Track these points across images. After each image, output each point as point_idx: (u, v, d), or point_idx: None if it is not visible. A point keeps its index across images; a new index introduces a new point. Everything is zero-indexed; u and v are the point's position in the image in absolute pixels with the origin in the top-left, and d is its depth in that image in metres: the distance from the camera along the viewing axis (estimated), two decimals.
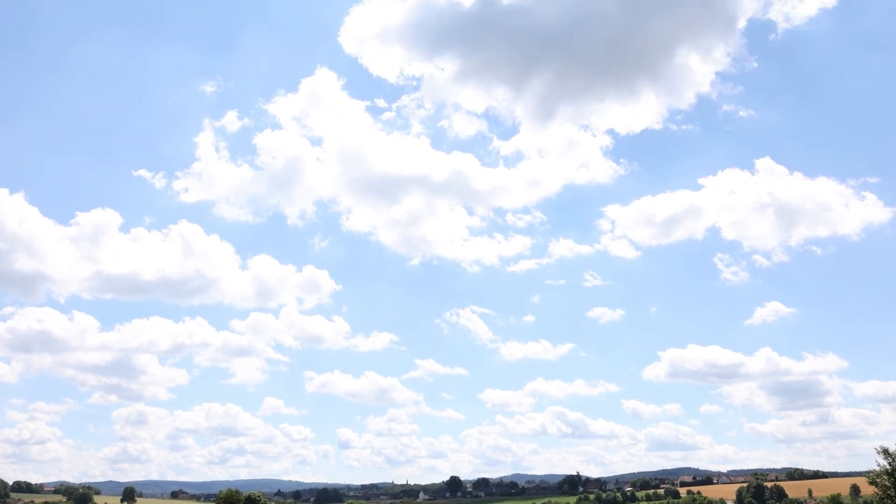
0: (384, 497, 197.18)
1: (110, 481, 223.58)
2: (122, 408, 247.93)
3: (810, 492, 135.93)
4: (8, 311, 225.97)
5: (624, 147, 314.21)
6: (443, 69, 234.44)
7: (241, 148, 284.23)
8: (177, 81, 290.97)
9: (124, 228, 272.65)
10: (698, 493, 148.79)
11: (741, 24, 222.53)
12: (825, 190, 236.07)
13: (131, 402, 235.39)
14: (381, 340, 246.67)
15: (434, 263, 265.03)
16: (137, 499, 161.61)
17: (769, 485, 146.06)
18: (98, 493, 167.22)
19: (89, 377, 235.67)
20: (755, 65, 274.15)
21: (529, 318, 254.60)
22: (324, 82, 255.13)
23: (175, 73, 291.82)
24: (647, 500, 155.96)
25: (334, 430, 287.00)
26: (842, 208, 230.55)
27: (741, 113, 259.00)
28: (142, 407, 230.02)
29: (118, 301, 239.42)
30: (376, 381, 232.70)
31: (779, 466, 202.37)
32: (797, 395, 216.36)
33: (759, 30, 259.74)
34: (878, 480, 42.21)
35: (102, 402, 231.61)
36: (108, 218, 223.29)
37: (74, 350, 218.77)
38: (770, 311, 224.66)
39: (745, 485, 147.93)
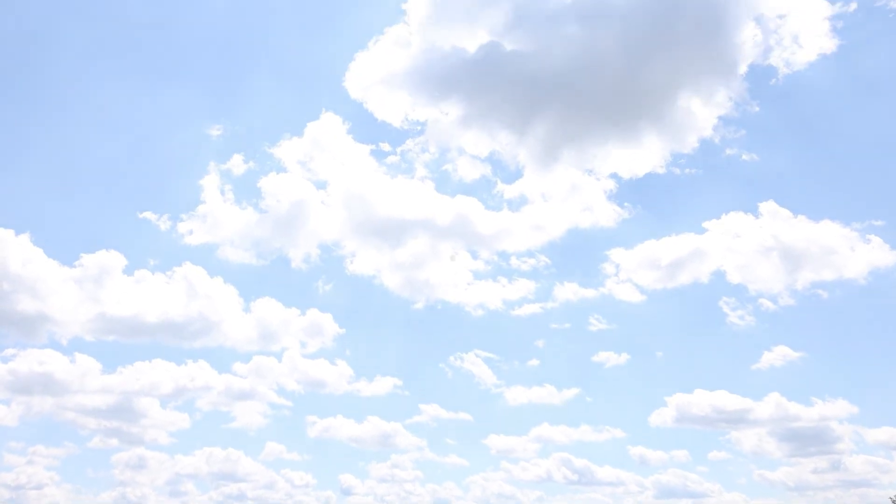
0: None
1: None
2: (121, 452, 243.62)
3: None
4: (10, 352, 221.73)
5: (627, 191, 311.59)
6: (447, 114, 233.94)
7: (246, 191, 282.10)
8: (184, 125, 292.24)
9: (128, 270, 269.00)
10: None
11: (742, 69, 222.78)
12: (830, 233, 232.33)
13: (131, 447, 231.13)
14: (384, 385, 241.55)
15: (438, 307, 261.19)
16: None
17: None
18: None
19: (90, 420, 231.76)
20: (757, 109, 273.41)
21: (534, 362, 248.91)
22: (329, 126, 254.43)
23: (182, 116, 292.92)
24: None
25: (336, 476, 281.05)
26: (847, 251, 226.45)
27: (744, 156, 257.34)
28: (142, 451, 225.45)
29: (120, 343, 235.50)
30: (379, 427, 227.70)
31: None
32: (808, 441, 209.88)
33: (760, 75, 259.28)
34: None
35: (102, 445, 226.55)
36: (112, 260, 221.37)
37: (75, 393, 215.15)
38: (778, 355, 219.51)
39: None
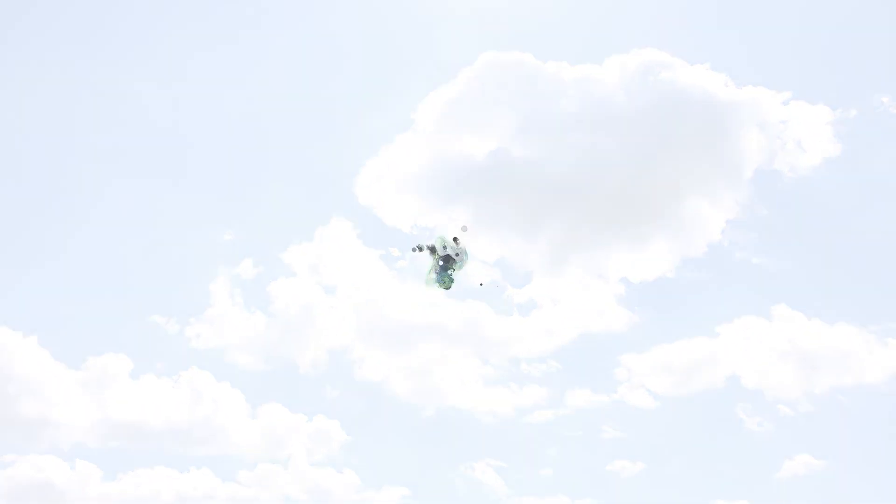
0: None
1: None
2: None
3: None
4: (8, 458, 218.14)
5: (638, 295, 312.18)
6: (455, 220, 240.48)
7: (254, 295, 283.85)
8: (195, 229, 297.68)
9: (134, 374, 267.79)
10: None
11: (748, 174, 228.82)
12: (846, 336, 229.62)
13: None
14: (392, 495, 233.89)
15: (448, 414, 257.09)
16: None
17: None
18: None
19: None
20: (765, 212, 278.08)
21: (547, 471, 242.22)
22: (339, 232, 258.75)
23: (194, 220, 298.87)
24: None
25: None
26: (865, 355, 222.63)
27: (754, 260, 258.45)
28: None
29: (123, 449, 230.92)
30: None
31: None
32: None
33: (767, 178, 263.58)
34: None
35: None
36: (118, 363, 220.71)
37: (72, 502, 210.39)
38: (800, 464, 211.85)
39: None
